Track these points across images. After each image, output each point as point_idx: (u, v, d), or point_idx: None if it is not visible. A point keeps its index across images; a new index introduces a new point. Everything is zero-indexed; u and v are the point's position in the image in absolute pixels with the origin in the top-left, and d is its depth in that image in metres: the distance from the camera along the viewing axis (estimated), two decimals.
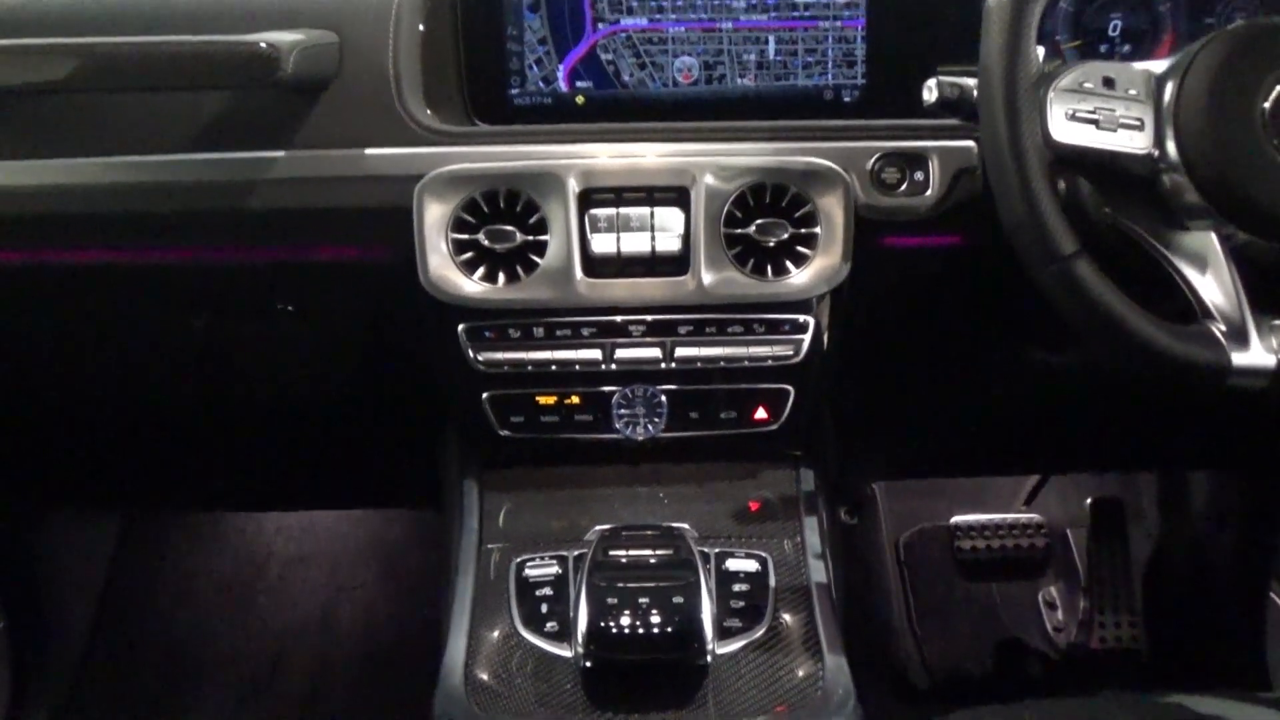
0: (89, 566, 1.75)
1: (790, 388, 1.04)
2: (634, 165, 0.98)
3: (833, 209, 0.98)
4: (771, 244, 0.98)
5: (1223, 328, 0.78)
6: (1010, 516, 1.77)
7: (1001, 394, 1.43)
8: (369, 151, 0.99)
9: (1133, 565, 1.70)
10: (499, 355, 1.00)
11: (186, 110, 1.00)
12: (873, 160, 1.00)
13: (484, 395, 1.03)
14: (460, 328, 0.99)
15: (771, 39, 1.10)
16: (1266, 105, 0.78)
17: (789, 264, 0.99)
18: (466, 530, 1.02)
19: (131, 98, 1.00)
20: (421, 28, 1.04)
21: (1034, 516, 1.77)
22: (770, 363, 1.01)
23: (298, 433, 1.44)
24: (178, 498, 1.71)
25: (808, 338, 1.01)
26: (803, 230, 0.98)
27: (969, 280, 1.11)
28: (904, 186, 1.01)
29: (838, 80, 1.11)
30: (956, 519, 1.76)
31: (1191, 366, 0.77)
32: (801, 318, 1.01)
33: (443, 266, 0.97)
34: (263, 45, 0.90)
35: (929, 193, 1.00)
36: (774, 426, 1.05)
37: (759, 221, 0.98)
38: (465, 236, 0.97)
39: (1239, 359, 0.77)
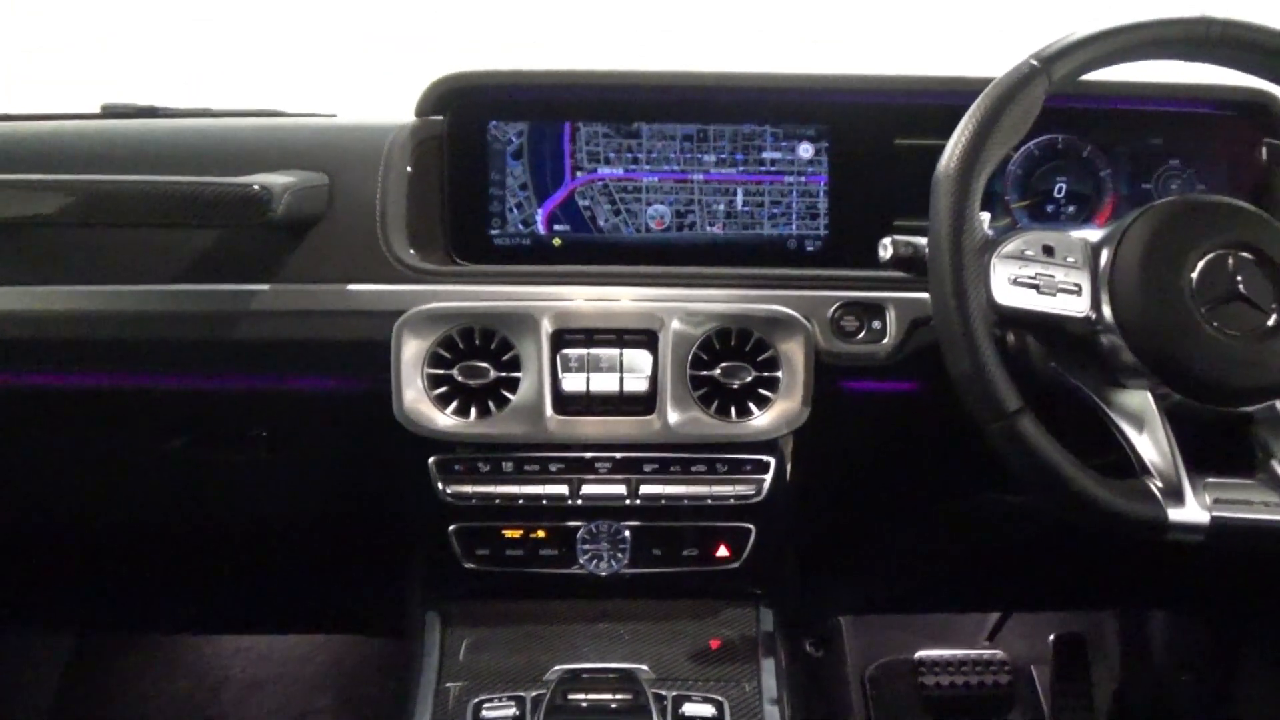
0: (37, 688, 1.70)
1: (752, 526, 1.06)
2: (605, 309, 1.03)
3: (794, 354, 1.02)
4: (736, 386, 1.02)
5: (1160, 484, 0.81)
6: (974, 652, 1.76)
7: (963, 532, 1.46)
8: (352, 287, 1.03)
9: (1096, 705, 1.70)
10: (468, 488, 1.02)
11: (176, 242, 1.05)
12: (833, 309, 1.05)
13: (451, 527, 1.04)
14: (431, 460, 1.02)
15: (740, 191, 1.17)
16: (1194, 276, 0.83)
17: (752, 406, 1.02)
18: (426, 667, 1.02)
19: (124, 229, 1.04)
20: (409, 169, 1.09)
21: (997, 653, 1.77)
22: (732, 501, 1.03)
23: (263, 556, 1.43)
24: (136, 619, 1.68)
25: (769, 478, 1.03)
26: (766, 374, 1.02)
27: (927, 424, 1.15)
28: (862, 334, 1.05)
29: (801, 231, 1.17)
30: (921, 654, 1.76)
31: (1130, 522, 0.80)
32: (763, 458, 1.04)
33: (417, 400, 1.00)
34: (255, 187, 0.95)
35: (886, 341, 1.05)
36: (735, 564, 1.06)
37: (724, 364, 1.02)
38: (440, 371, 1.00)
39: (1175, 515, 0.80)
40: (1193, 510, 0.80)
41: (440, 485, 1.02)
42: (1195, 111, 1.20)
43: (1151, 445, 0.83)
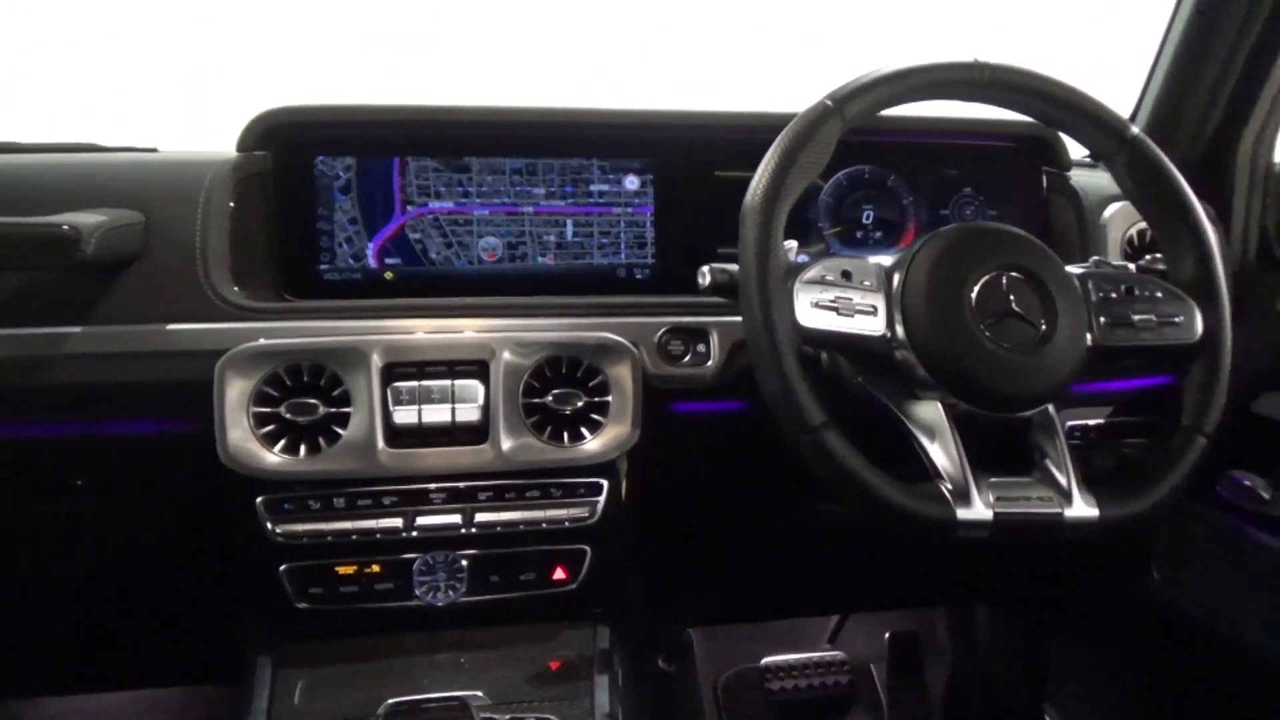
0: None
1: (587, 548, 1.08)
2: (436, 341, 1.04)
3: (623, 379, 1.06)
4: (567, 412, 1.05)
5: (949, 487, 0.89)
6: (816, 655, 1.85)
7: (799, 541, 1.53)
8: (171, 327, 1.01)
9: (930, 697, 1.80)
10: (298, 527, 1.01)
11: None
12: (659, 334, 1.10)
13: (281, 568, 1.02)
14: (258, 500, 1.00)
15: (569, 222, 1.20)
16: (973, 296, 0.92)
17: (584, 431, 1.06)
18: (255, 712, 1.00)
19: None
20: (232, 204, 1.08)
21: (838, 654, 1.85)
22: (567, 524, 1.06)
23: (88, 610, 1.36)
24: None
25: (603, 499, 1.07)
26: (596, 399, 1.06)
27: (756, 441, 1.20)
28: (688, 358, 1.10)
29: (630, 260, 1.22)
30: (767, 660, 1.83)
31: (924, 522, 0.87)
32: (597, 480, 1.07)
33: (243, 440, 0.98)
34: (65, 227, 0.92)
35: (710, 363, 1.11)
36: (573, 586, 1.09)
37: (555, 391, 1.05)
38: (267, 410, 0.99)
39: (963, 514, 0.87)
40: (978, 509, 0.87)
41: (269, 525, 1.00)
42: (986, 144, 1.31)
43: (942, 452, 0.90)
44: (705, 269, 0.98)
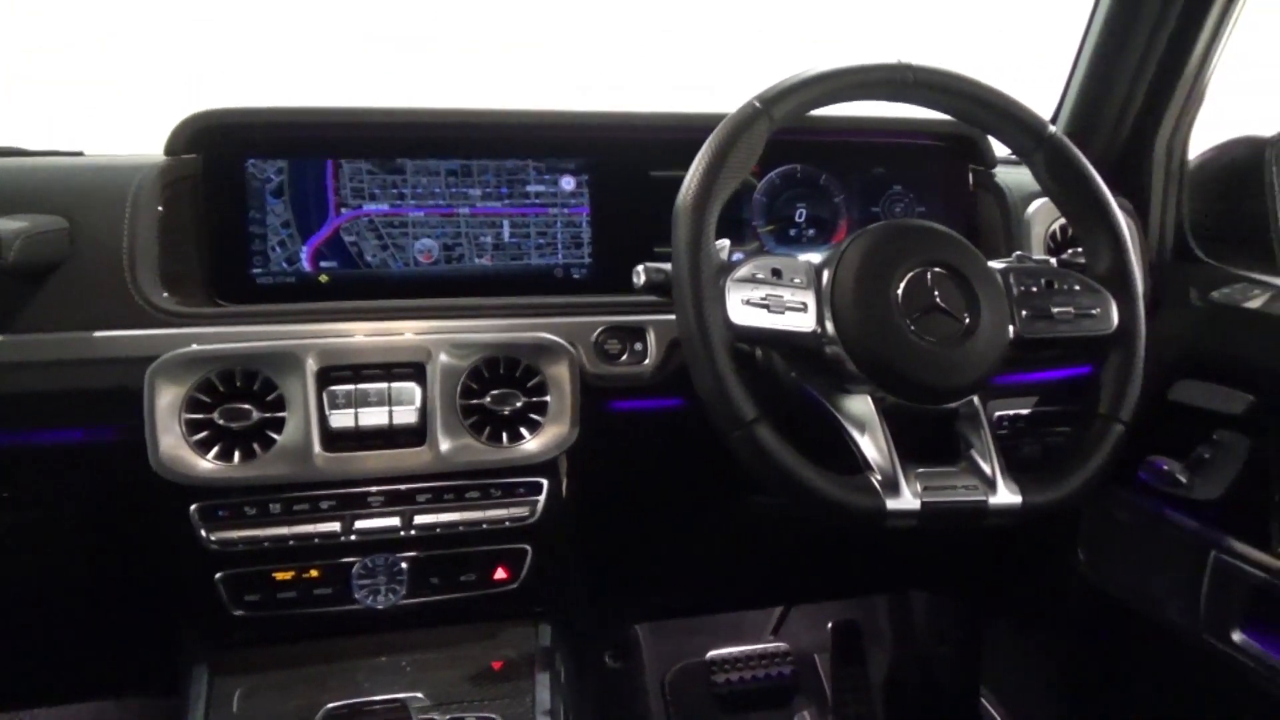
0: None
1: (528, 547, 1.09)
2: (371, 344, 1.04)
3: (561, 378, 1.07)
4: (506, 412, 1.05)
5: (879, 478, 0.91)
6: (760, 647, 1.87)
7: (741, 536, 1.55)
8: (98, 334, 0.99)
9: (872, 684, 1.84)
10: (234, 534, 1.00)
11: None
12: (596, 333, 1.11)
13: (217, 575, 1.01)
14: (192, 508, 0.99)
15: (506, 223, 1.20)
16: (899, 291, 0.94)
17: (523, 431, 1.06)
18: None
19: None
20: (160, 208, 1.06)
21: (781, 645, 1.88)
22: (508, 524, 1.06)
23: (21, 624, 1.33)
24: None
25: (542, 498, 1.07)
26: (535, 399, 1.06)
27: (694, 436, 1.22)
28: (625, 356, 1.12)
29: (567, 260, 1.22)
30: (712, 654, 1.85)
31: (855, 512, 0.89)
32: (536, 480, 1.07)
33: (175, 447, 0.97)
34: None
35: (648, 361, 1.12)
36: (514, 585, 1.09)
37: (494, 392, 1.05)
38: (200, 416, 0.98)
39: (891, 504, 0.89)
40: (906, 499, 0.90)
41: (203, 533, 0.99)
42: (915, 143, 1.34)
43: (872, 444, 0.93)
44: (640, 268, 0.99)
